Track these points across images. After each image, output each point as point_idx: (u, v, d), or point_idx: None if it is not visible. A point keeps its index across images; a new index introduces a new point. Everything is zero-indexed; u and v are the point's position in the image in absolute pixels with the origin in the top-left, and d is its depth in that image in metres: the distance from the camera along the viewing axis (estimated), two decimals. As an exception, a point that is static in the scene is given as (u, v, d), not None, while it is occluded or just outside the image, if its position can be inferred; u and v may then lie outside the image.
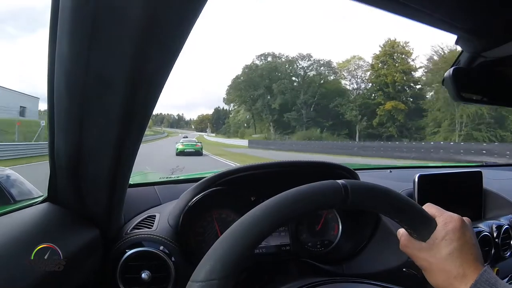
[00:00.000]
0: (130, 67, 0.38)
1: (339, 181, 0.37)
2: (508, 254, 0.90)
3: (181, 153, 15.48)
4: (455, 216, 0.41)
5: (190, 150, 15.82)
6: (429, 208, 0.42)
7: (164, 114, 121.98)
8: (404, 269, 0.74)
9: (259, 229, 0.33)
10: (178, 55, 0.40)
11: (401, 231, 0.43)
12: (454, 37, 0.53)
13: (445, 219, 0.40)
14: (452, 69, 0.58)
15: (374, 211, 0.41)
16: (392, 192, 0.39)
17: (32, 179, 0.80)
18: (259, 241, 0.34)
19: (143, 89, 0.43)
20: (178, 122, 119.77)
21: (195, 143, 16.80)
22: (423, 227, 0.40)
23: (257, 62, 40.90)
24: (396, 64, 30.70)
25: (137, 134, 0.51)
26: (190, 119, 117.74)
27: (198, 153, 15.90)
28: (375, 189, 0.39)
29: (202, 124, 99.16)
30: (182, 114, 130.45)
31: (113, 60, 0.38)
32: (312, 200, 0.36)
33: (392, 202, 0.39)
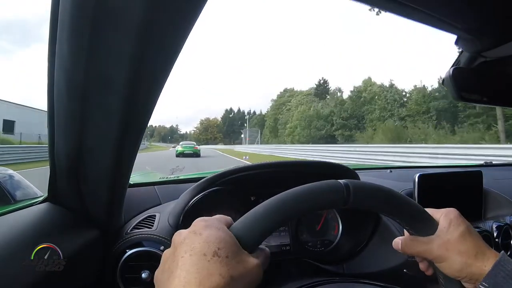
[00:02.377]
0: (129, 67, 0.39)
1: (341, 180, 0.37)
2: (508, 254, 0.90)
3: (180, 154, 17.89)
4: (450, 208, 0.43)
5: (189, 152, 18.28)
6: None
7: (155, 126, 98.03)
8: (404, 270, 0.74)
9: (258, 229, 0.33)
10: (178, 55, 0.40)
11: (399, 238, 0.43)
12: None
13: (443, 213, 0.42)
14: (452, 69, 0.58)
15: (375, 211, 0.40)
16: (394, 192, 0.39)
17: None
18: (259, 242, 0.34)
19: (143, 89, 0.43)
20: (171, 135, 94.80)
21: (193, 146, 19.49)
22: (426, 225, 0.41)
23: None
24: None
25: (137, 134, 0.51)
26: (186, 132, 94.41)
27: (196, 154, 18.36)
28: (377, 190, 0.39)
29: (207, 133, 71.93)
30: (177, 126, 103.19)
31: (112, 60, 0.38)
32: (313, 199, 0.36)
33: (394, 203, 0.39)
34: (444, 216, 0.41)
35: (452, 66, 0.60)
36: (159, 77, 0.42)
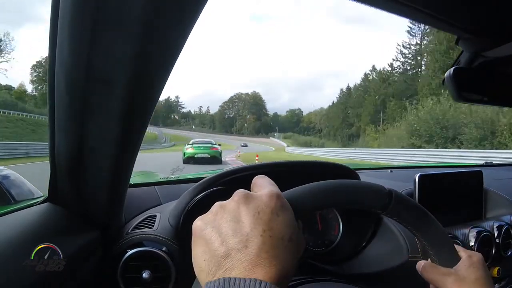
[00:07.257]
0: (130, 66, 0.39)
1: (386, 187, 0.38)
2: (509, 253, 0.90)
3: (190, 159, 11.80)
4: (477, 252, 0.45)
5: (203, 155, 12.02)
6: None
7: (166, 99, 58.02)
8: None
9: (309, 201, 0.35)
10: (178, 55, 0.40)
11: (423, 261, 0.45)
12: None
13: (469, 253, 0.44)
14: (452, 69, 0.58)
15: (406, 226, 0.41)
16: (429, 215, 0.40)
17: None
18: (306, 211, 0.35)
19: (143, 88, 0.43)
20: (167, 115, 61.66)
21: (210, 145, 12.74)
22: (449, 256, 0.42)
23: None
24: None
25: (137, 134, 0.51)
26: (191, 111, 60.68)
27: (215, 159, 12.16)
28: (415, 207, 0.40)
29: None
30: (177, 98, 61.26)
31: (113, 59, 0.38)
32: (356, 195, 0.37)
33: (427, 224, 0.40)
34: (468, 256, 0.43)
35: (452, 66, 0.60)
36: (159, 77, 0.42)
